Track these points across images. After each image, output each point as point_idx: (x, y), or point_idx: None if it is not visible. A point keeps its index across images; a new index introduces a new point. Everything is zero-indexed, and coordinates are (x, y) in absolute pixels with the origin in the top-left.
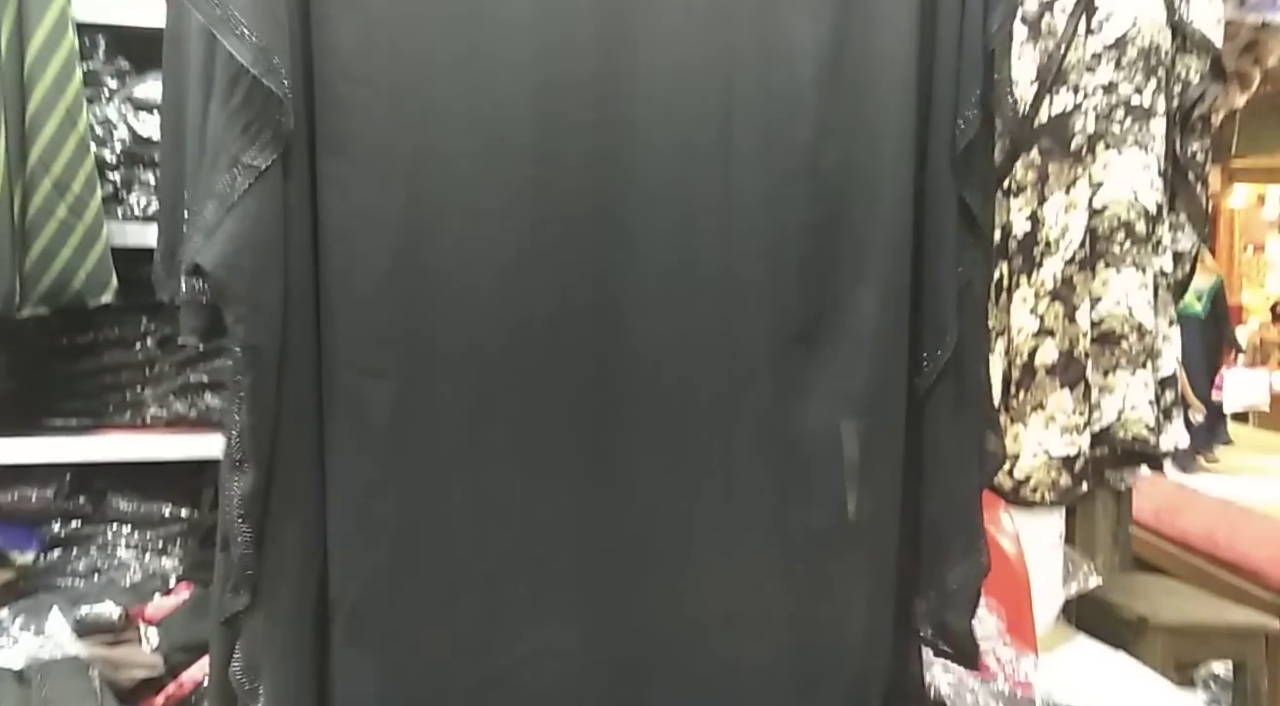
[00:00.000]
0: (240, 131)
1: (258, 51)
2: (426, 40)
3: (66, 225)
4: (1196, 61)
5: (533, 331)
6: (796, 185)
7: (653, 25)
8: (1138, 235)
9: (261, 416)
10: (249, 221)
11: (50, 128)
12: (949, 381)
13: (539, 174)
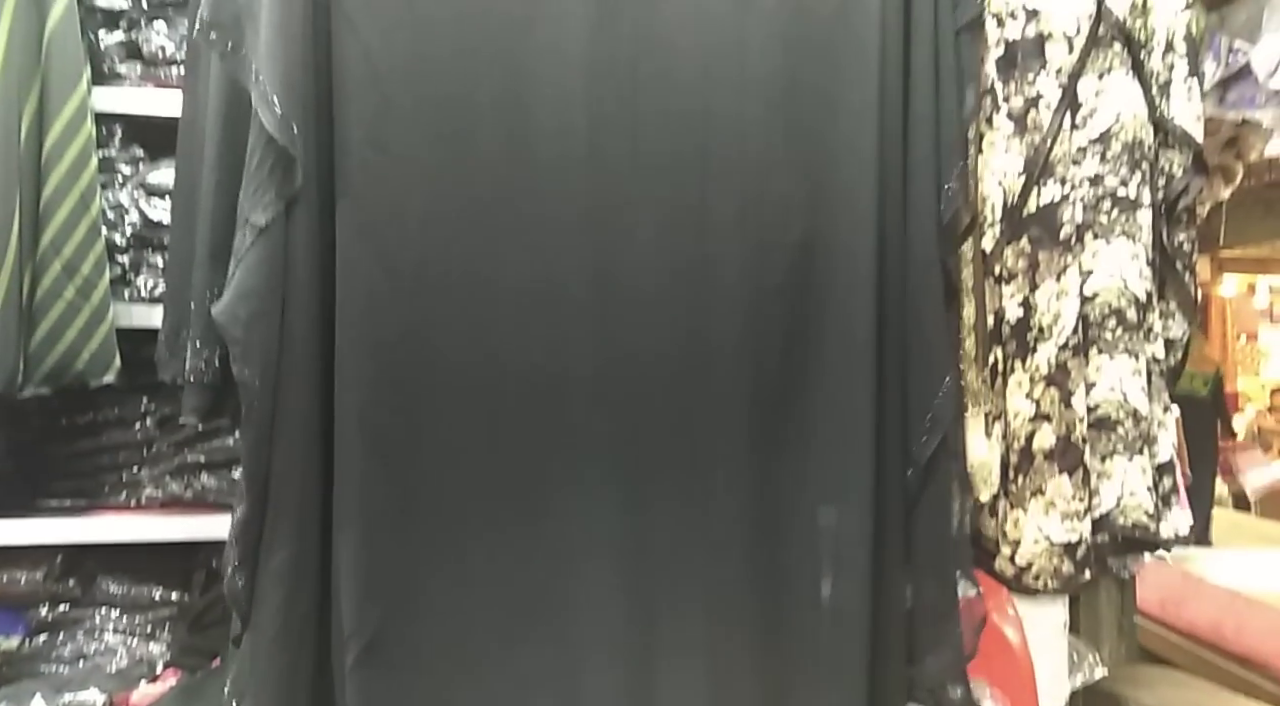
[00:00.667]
0: (252, 193)
1: (281, 119)
2: (438, 114)
3: (73, 306)
4: (1179, 156)
5: (532, 385)
6: (768, 256)
7: (636, 110)
8: (1129, 322)
9: (254, 447)
10: (247, 272)
11: (64, 212)
12: (936, 464)
13: (537, 238)
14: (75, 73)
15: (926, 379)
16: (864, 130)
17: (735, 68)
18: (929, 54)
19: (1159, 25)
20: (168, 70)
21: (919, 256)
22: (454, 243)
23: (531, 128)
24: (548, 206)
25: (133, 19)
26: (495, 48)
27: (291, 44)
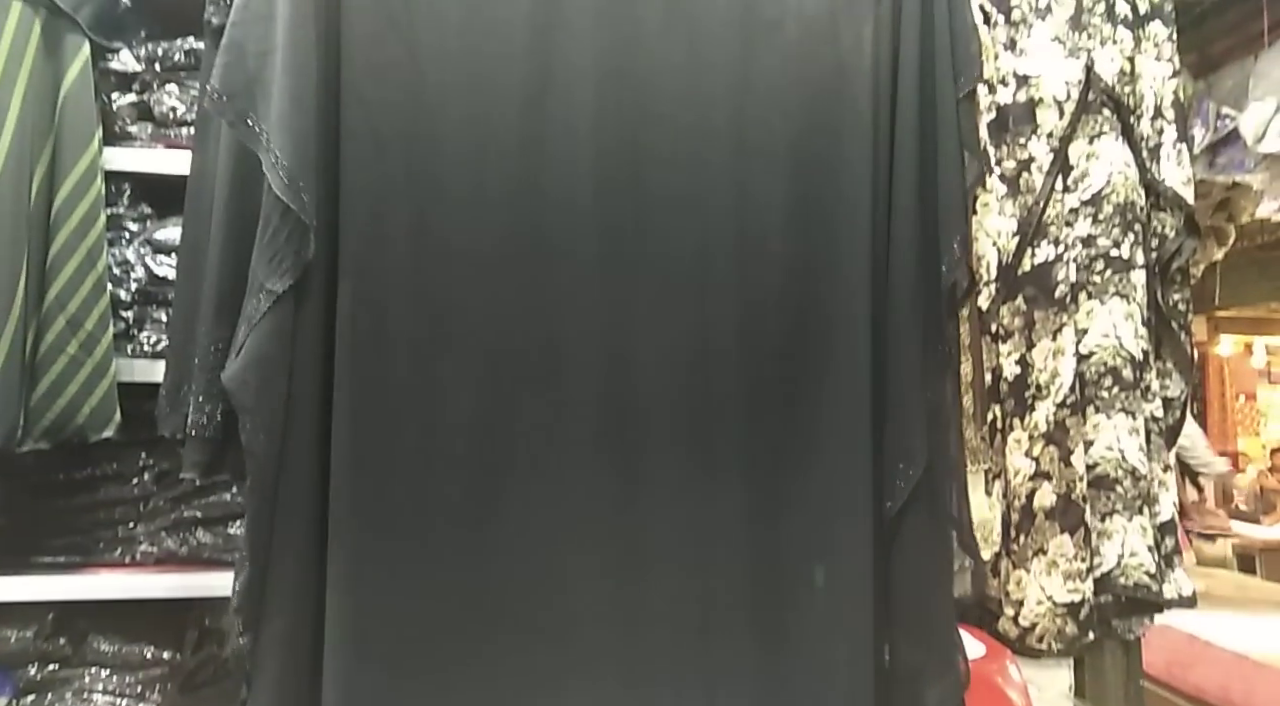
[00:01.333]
0: (268, 261)
1: (290, 186)
2: (441, 186)
3: (76, 361)
4: (1171, 217)
5: (535, 457)
6: (767, 320)
7: (639, 179)
8: (1125, 381)
9: (258, 514)
10: (260, 338)
11: (70, 268)
12: (921, 503)
13: (540, 308)
14: (88, 133)
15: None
16: (861, 196)
17: (734, 138)
18: (930, 122)
19: (1147, 91)
20: (178, 131)
21: (916, 322)
22: (456, 312)
23: (535, 200)
24: (551, 276)
25: (145, 81)
26: (500, 121)
27: (303, 113)
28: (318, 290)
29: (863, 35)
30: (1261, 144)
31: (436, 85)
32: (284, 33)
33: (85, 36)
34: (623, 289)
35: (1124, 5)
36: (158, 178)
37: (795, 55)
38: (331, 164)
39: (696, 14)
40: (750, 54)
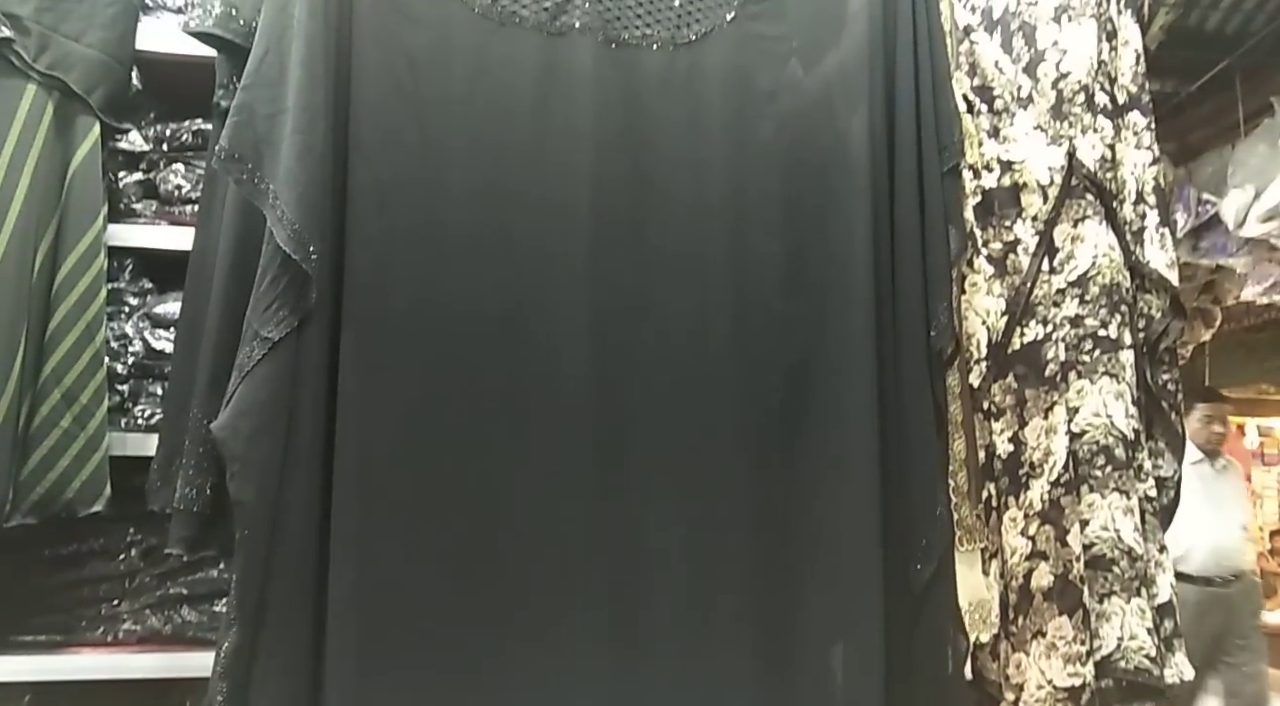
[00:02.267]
0: (264, 309)
1: (296, 236)
2: (441, 242)
3: (69, 434)
4: (1156, 299)
5: (533, 517)
6: (765, 376)
7: (640, 239)
8: (1118, 460)
9: (248, 571)
10: (254, 386)
11: (68, 342)
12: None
13: (540, 363)
14: (94, 210)
15: (921, 504)
16: (857, 259)
17: (732, 202)
18: (918, 195)
19: (1129, 177)
20: (182, 208)
21: (910, 383)
22: (457, 366)
23: (535, 259)
24: (551, 334)
25: (152, 161)
26: (502, 182)
27: (312, 168)
28: (316, 340)
29: (855, 109)
30: (1242, 229)
31: (440, 147)
32: (295, 95)
33: (96, 118)
34: (623, 348)
35: (1103, 96)
36: (160, 253)
37: (790, 124)
38: (336, 217)
39: (694, 82)
40: (746, 122)
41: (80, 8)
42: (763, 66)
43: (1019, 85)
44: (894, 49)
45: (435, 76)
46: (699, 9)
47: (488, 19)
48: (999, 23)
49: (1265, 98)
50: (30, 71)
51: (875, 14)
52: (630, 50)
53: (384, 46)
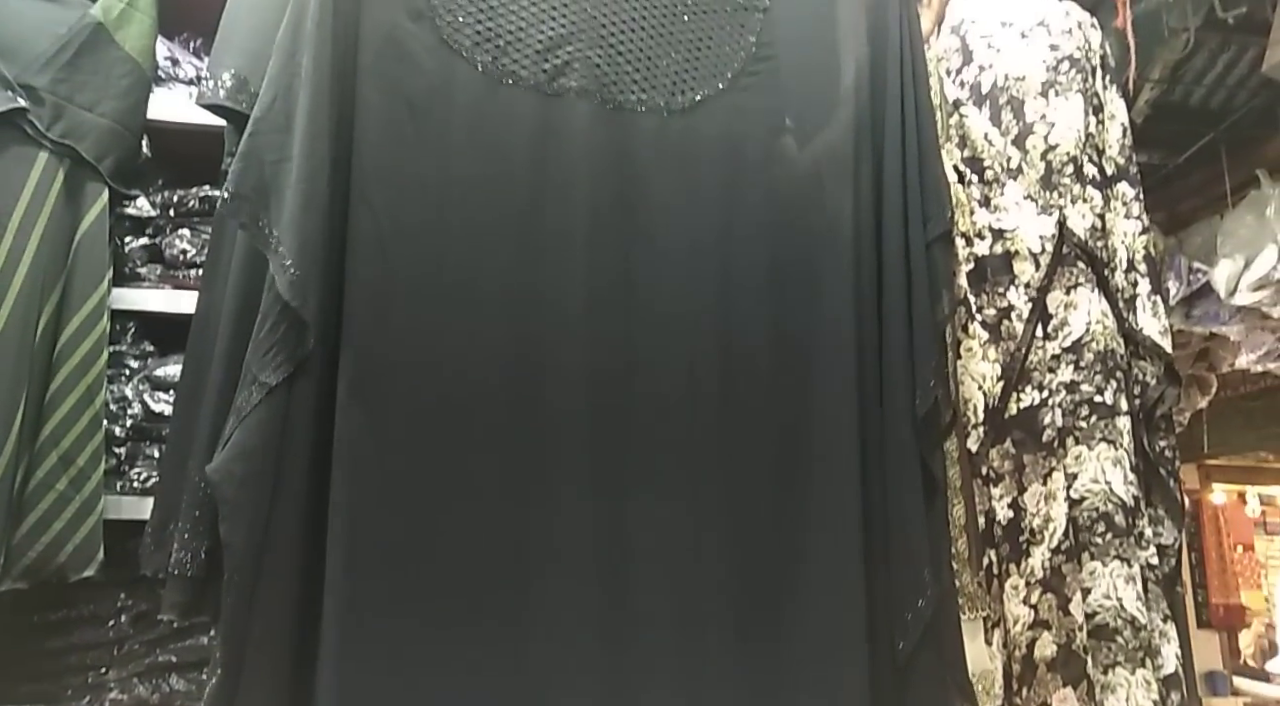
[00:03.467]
0: (263, 354)
1: (295, 283)
2: (440, 289)
3: (64, 497)
4: (1151, 366)
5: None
6: (751, 439)
7: (637, 292)
8: (1118, 527)
9: (234, 613)
10: (249, 431)
11: (68, 405)
12: (928, 645)
13: (531, 419)
14: (99, 274)
15: (907, 576)
16: (841, 326)
17: (720, 264)
18: (901, 262)
19: (1120, 246)
20: (186, 272)
21: (894, 450)
22: (450, 415)
23: (530, 311)
24: (543, 385)
25: (159, 226)
26: (498, 235)
27: (314, 218)
28: (311, 385)
29: (844, 179)
30: (1234, 298)
31: (439, 198)
32: (300, 144)
33: (106, 184)
34: (615, 404)
35: (1091, 167)
36: (163, 316)
37: (779, 192)
38: (336, 263)
39: (687, 147)
40: (736, 187)
41: (95, 79)
42: (754, 135)
43: (1008, 156)
44: (882, 121)
45: (436, 127)
46: (694, 77)
47: (488, 76)
48: (987, 97)
49: (1251, 170)
50: (43, 140)
51: (864, 88)
52: (625, 114)
53: (387, 95)
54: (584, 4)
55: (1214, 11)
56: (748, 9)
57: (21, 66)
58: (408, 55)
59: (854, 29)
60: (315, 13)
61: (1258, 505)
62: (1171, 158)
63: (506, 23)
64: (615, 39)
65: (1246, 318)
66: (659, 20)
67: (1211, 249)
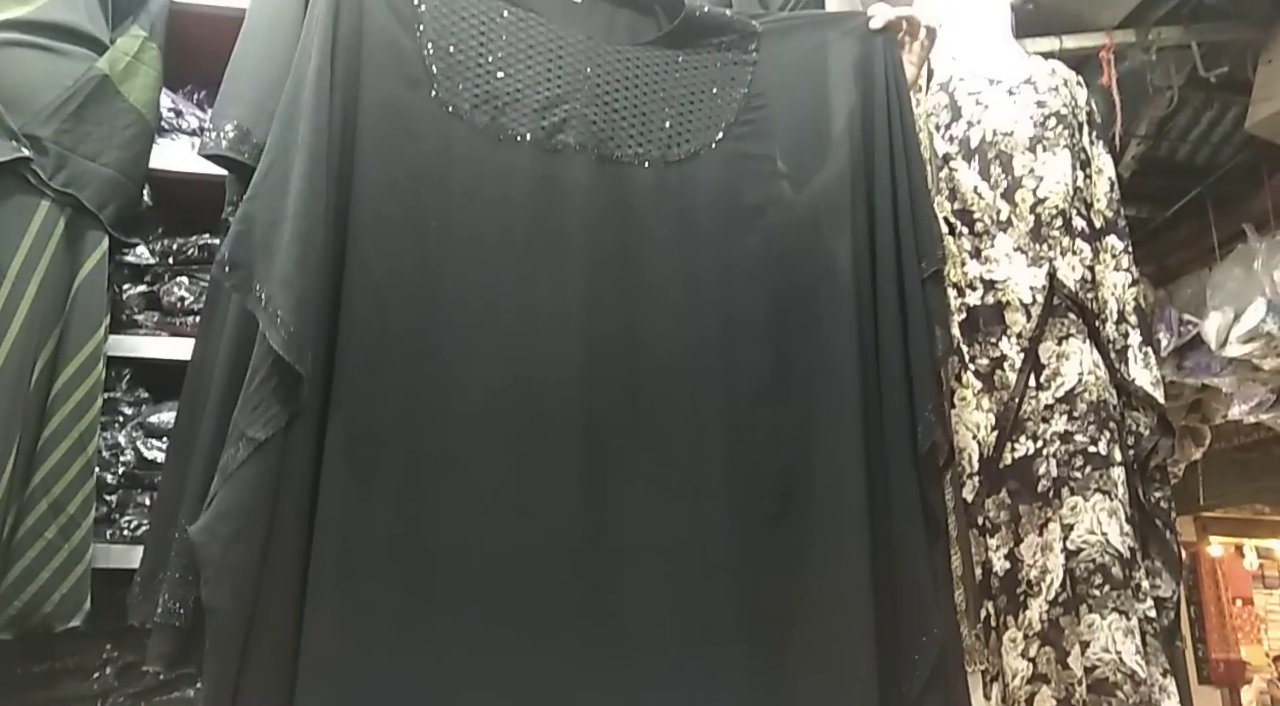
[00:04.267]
0: (252, 409)
1: (290, 339)
2: (436, 349)
3: (53, 545)
4: (1144, 417)
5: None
6: (756, 484)
7: (638, 342)
8: (1115, 579)
9: (218, 683)
10: (236, 489)
11: (60, 452)
12: (935, 688)
13: (528, 476)
14: (96, 321)
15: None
16: (844, 366)
17: (721, 310)
18: (896, 300)
19: (1110, 298)
20: (184, 319)
21: (898, 488)
22: (443, 474)
23: (528, 366)
24: (542, 442)
25: (157, 273)
26: (496, 290)
27: (309, 274)
28: (302, 442)
29: (839, 223)
30: (1224, 349)
31: (437, 255)
32: (295, 204)
33: (106, 233)
34: (616, 457)
35: (1080, 220)
36: (158, 363)
37: (776, 238)
38: (330, 321)
39: (684, 198)
40: (734, 235)
41: (99, 129)
42: (750, 183)
43: (998, 209)
44: (873, 165)
45: (435, 188)
46: (689, 129)
47: (487, 135)
48: (976, 151)
49: (1237, 224)
50: (45, 189)
51: (855, 133)
52: (623, 167)
53: (385, 158)
54: (579, 64)
55: (1196, 70)
56: (738, 63)
57: (27, 117)
58: (406, 121)
59: (841, 77)
60: (313, 82)
61: (1255, 558)
62: (1159, 211)
63: (504, 85)
64: (610, 96)
65: (1238, 369)
66: (652, 77)
67: (1201, 301)
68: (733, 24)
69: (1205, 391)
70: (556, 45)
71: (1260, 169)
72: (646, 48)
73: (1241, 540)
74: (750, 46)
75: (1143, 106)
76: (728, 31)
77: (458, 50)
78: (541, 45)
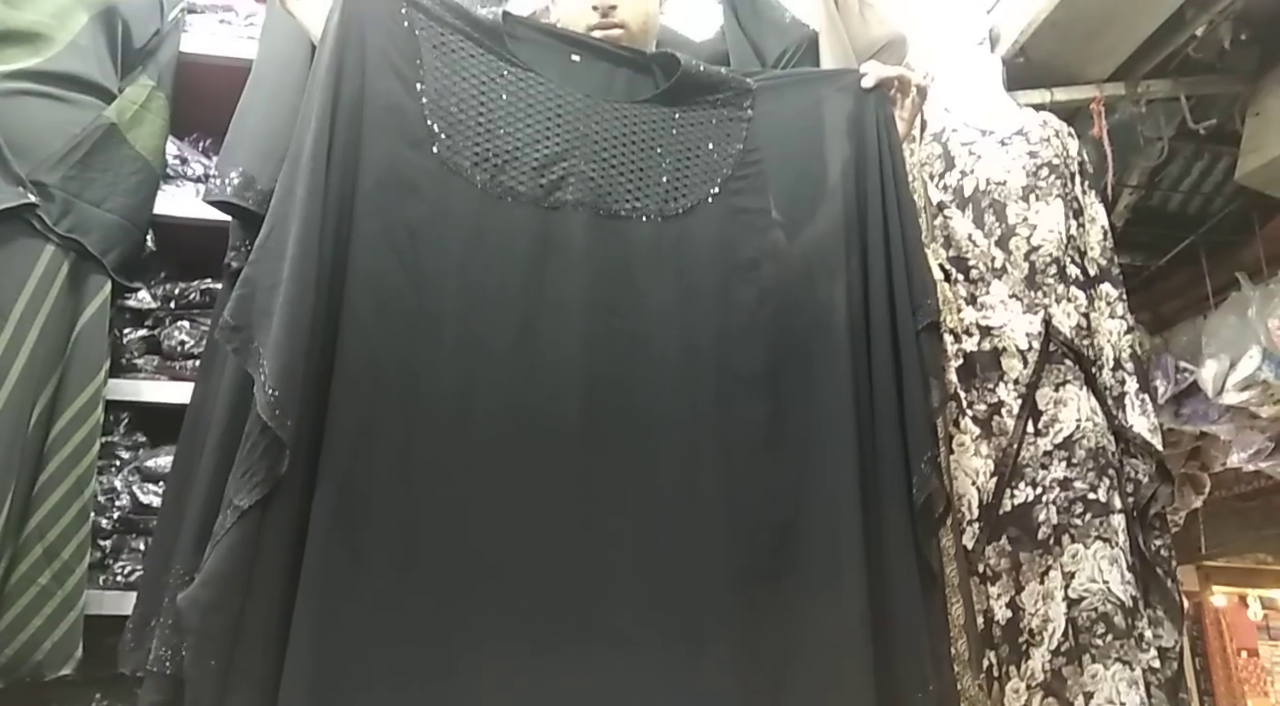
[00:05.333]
0: (240, 476)
1: (273, 403)
2: (430, 410)
3: (46, 592)
4: (1143, 464)
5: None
6: (753, 535)
7: (634, 396)
8: (1118, 629)
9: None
10: (220, 557)
11: (56, 496)
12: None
13: (519, 540)
14: (96, 365)
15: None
16: (840, 417)
17: (717, 362)
18: (890, 352)
19: (1105, 345)
20: (184, 364)
21: (893, 540)
22: (435, 536)
23: (523, 425)
24: (535, 504)
25: (159, 318)
26: (493, 349)
27: (297, 339)
28: (286, 511)
29: (834, 275)
30: (1221, 397)
31: (434, 313)
32: (289, 267)
33: (109, 277)
34: (608, 514)
35: (1074, 268)
36: (157, 407)
37: (772, 290)
38: (323, 383)
39: (681, 251)
40: (730, 288)
41: (105, 176)
42: (746, 237)
43: (993, 256)
44: (866, 219)
45: (434, 246)
46: (686, 184)
47: (487, 193)
48: (970, 200)
49: (1230, 272)
50: (50, 234)
51: (850, 189)
52: (621, 221)
53: (385, 219)
54: (577, 122)
55: (1186, 123)
56: (733, 119)
57: (34, 164)
58: (408, 182)
59: (835, 134)
60: (310, 148)
61: (1259, 609)
62: (1153, 260)
63: (504, 143)
64: (608, 153)
65: (1236, 417)
66: (650, 133)
67: (1197, 349)
68: (728, 81)
69: (1204, 439)
70: (555, 103)
71: (1252, 218)
72: (644, 104)
73: (1245, 590)
74: (745, 103)
75: (1134, 157)
76: (723, 88)
77: (459, 109)
78: (541, 103)
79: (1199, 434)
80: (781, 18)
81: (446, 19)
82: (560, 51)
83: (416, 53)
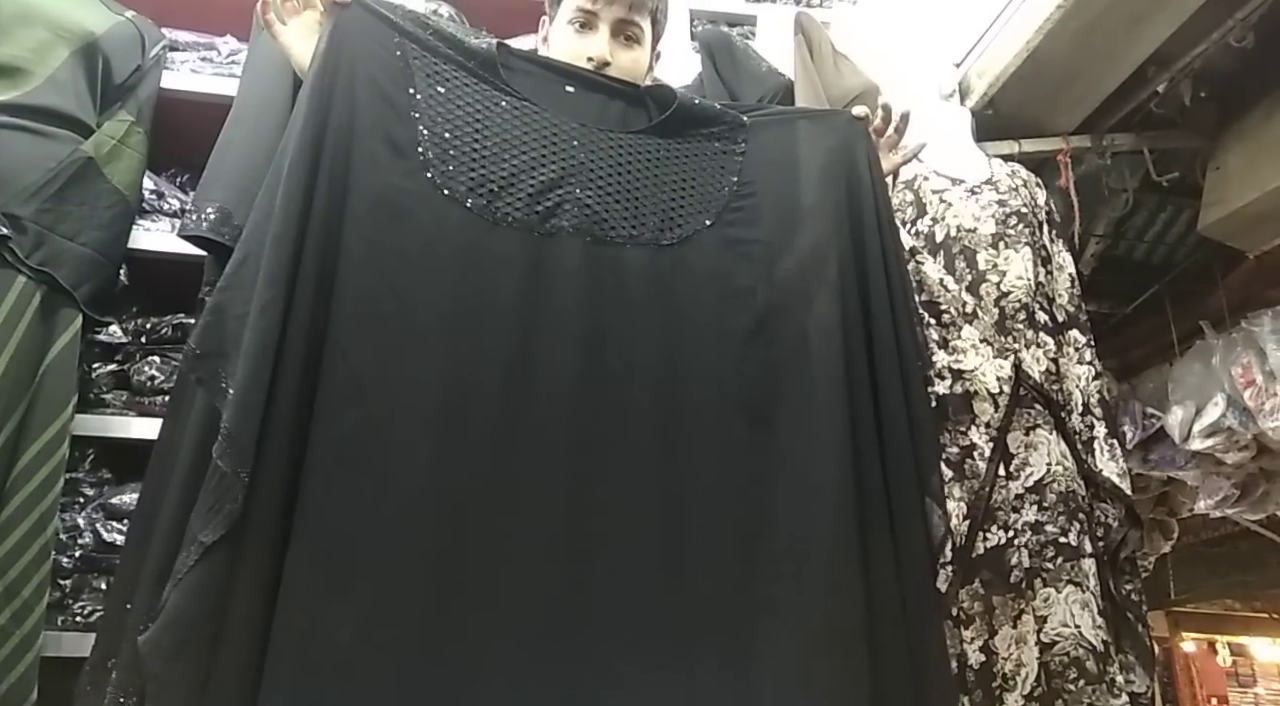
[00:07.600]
0: (205, 510)
1: (225, 437)
2: (419, 440)
3: (4, 632)
4: (1112, 508)
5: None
6: (753, 566)
7: (626, 426)
8: (1090, 674)
9: None
10: (182, 596)
11: (17, 534)
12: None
13: (508, 576)
14: (64, 400)
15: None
16: (839, 445)
17: (712, 393)
18: (899, 387)
19: (1074, 390)
20: (153, 399)
21: (912, 577)
22: (413, 579)
23: (517, 458)
24: (523, 539)
25: (129, 352)
26: (482, 380)
27: (261, 371)
28: (256, 547)
29: (829, 305)
30: (1188, 443)
31: (425, 339)
32: (255, 298)
33: (80, 311)
34: (600, 547)
35: (1043, 314)
36: (125, 443)
37: (767, 319)
38: (302, 414)
39: (676, 280)
40: (725, 317)
41: (80, 210)
42: (740, 266)
43: (964, 301)
44: (865, 252)
45: (426, 271)
46: (680, 214)
47: (481, 219)
48: (941, 246)
49: (1195, 320)
50: (21, 266)
51: (843, 218)
52: (616, 249)
53: (374, 245)
54: (573, 150)
55: (1149, 175)
56: (727, 152)
57: (8, 197)
58: (399, 208)
59: (827, 166)
60: (285, 177)
61: (1228, 655)
62: (1120, 307)
63: (499, 169)
64: (604, 181)
65: (1202, 463)
66: (645, 162)
67: (1164, 395)
68: (722, 116)
69: (1171, 484)
70: (551, 131)
71: (1214, 268)
72: (639, 135)
73: (1215, 637)
74: (740, 137)
75: (1100, 207)
76: (718, 122)
77: (454, 136)
78: (536, 131)
79: (1166, 479)
80: (758, 67)
81: (440, 49)
82: (554, 82)
83: (410, 82)
